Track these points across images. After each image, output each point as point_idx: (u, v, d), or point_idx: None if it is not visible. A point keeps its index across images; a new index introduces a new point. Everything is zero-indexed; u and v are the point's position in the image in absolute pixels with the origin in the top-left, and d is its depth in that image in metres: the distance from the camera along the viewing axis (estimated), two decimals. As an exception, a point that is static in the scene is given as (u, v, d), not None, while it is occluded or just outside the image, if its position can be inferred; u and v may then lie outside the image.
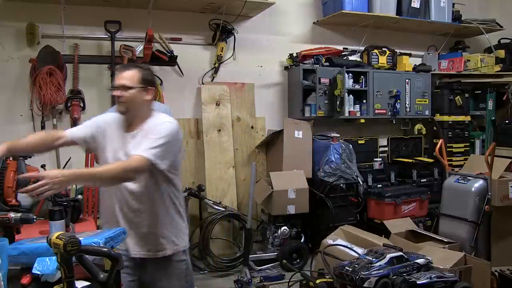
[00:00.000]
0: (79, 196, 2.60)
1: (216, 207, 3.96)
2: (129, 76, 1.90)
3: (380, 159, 4.69)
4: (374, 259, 2.47)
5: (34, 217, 1.74)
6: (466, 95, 5.00)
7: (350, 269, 2.40)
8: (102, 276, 1.33)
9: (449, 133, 4.88)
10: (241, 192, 4.31)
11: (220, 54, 4.23)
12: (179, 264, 2.00)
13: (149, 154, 1.78)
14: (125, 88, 1.88)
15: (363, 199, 4.15)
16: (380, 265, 2.43)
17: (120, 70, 1.95)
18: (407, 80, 4.75)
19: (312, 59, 4.42)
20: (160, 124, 1.90)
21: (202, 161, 4.17)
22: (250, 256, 3.71)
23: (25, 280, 1.49)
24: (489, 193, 3.34)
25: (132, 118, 1.94)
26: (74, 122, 3.73)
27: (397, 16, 4.61)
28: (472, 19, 5.09)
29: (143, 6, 3.91)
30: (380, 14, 4.50)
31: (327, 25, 4.75)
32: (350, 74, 4.50)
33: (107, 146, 1.96)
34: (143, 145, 1.82)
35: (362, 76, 4.55)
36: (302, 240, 4.02)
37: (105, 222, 2.01)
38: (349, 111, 4.47)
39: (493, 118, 4.93)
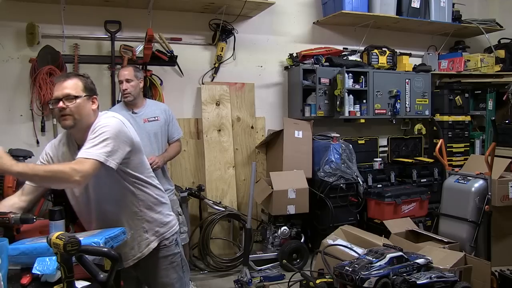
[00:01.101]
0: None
1: (216, 207, 3.96)
2: (72, 85, 1.75)
3: (380, 159, 4.69)
4: (374, 259, 2.47)
5: (34, 217, 1.74)
6: (466, 95, 5.00)
7: (350, 269, 2.40)
8: (102, 276, 1.33)
9: (449, 133, 4.88)
10: (241, 192, 4.31)
11: (220, 54, 4.23)
12: (174, 258, 2.00)
13: (93, 154, 1.64)
14: (70, 98, 1.73)
15: (363, 199, 4.15)
16: (380, 265, 2.42)
17: (60, 80, 1.77)
18: (407, 80, 4.75)
19: (312, 59, 4.42)
20: (98, 121, 1.75)
21: (202, 161, 4.17)
22: (250, 256, 3.70)
23: (25, 280, 1.49)
24: (489, 193, 3.34)
25: (81, 133, 1.78)
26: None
27: (397, 16, 4.61)
28: (472, 19, 5.09)
29: (143, 6, 3.92)
30: (380, 14, 4.50)
31: (327, 25, 4.75)
32: (350, 74, 4.50)
33: None
34: (84, 146, 1.67)
35: (362, 76, 4.55)
36: (302, 240, 4.01)
37: None
38: (349, 111, 4.47)
39: (493, 118, 4.93)
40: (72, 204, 1.90)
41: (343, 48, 4.71)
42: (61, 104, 1.72)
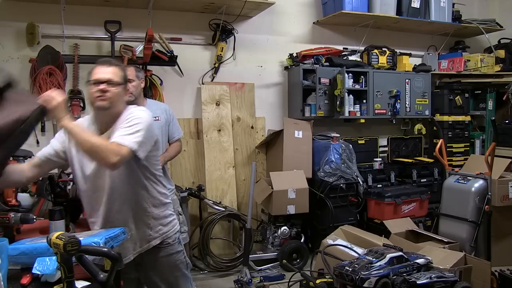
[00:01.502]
0: (79, 196, 2.60)
1: (216, 207, 3.96)
2: (114, 72, 1.82)
3: (380, 159, 4.69)
4: (374, 259, 2.48)
5: (34, 217, 1.74)
6: (466, 95, 4.99)
7: (350, 269, 2.40)
8: (102, 276, 1.33)
9: (449, 133, 4.88)
10: (241, 192, 4.31)
11: (220, 54, 4.23)
12: (177, 256, 2.02)
13: (129, 142, 1.69)
14: (112, 83, 1.79)
15: (363, 199, 4.14)
16: (380, 265, 2.43)
17: (103, 65, 1.84)
18: (407, 80, 4.75)
19: (312, 59, 4.42)
20: (131, 112, 1.82)
21: (202, 161, 4.17)
22: (250, 256, 3.70)
23: (25, 280, 1.50)
24: (489, 193, 3.34)
25: (109, 118, 1.83)
26: (74, 122, 3.73)
27: (397, 16, 4.61)
28: (472, 19, 5.09)
29: (143, 6, 3.91)
30: (380, 14, 4.50)
31: (327, 25, 4.75)
32: (350, 74, 4.50)
33: (73, 159, 1.85)
34: (118, 132, 1.72)
35: (362, 76, 4.55)
36: (302, 240, 4.01)
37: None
38: (349, 111, 4.47)
39: (493, 118, 4.93)
40: (80, 189, 1.90)
41: (343, 48, 4.71)
42: (103, 86, 1.78)
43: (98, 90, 1.77)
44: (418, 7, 4.70)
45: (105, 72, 1.80)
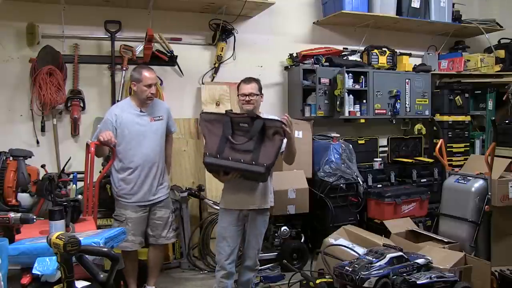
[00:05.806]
0: (79, 196, 2.61)
1: (216, 207, 3.95)
2: (255, 87, 2.90)
3: (380, 159, 4.69)
4: (374, 259, 2.48)
5: (34, 217, 1.74)
6: (466, 95, 4.99)
7: (350, 269, 2.41)
8: (102, 276, 1.33)
9: (449, 133, 4.89)
10: (241, 192, 4.30)
11: (220, 54, 4.23)
12: (267, 217, 2.96)
13: None
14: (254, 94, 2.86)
15: (363, 199, 4.14)
16: (380, 265, 2.43)
17: (247, 82, 2.92)
18: (407, 80, 4.75)
19: (312, 59, 4.42)
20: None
21: (202, 161, 4.15)
22: (250, 256, 3.69)
23: (25, 280, 1.50)
24: (489, 193, 3.34)
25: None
26: (74, 122, 3.74)
27: (397, 16, 4.61)
28: (472, 19, 5.10)
29: (143, 6, 3.92)
30: (380, 14, 4.50)
31: (327, 25, 4.75)
32: (350, 74, 4.49)
33: None
34: None
35: (362, 76, 4.55)
36: (302, 240, 4.01)
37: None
38: (349, 111, 4.47)
39: (493, 118, 4.93)
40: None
41: (343, 48, 4.71)
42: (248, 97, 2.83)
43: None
44: (418, 7, 4.71)
45: (249, 88, 2.85)
